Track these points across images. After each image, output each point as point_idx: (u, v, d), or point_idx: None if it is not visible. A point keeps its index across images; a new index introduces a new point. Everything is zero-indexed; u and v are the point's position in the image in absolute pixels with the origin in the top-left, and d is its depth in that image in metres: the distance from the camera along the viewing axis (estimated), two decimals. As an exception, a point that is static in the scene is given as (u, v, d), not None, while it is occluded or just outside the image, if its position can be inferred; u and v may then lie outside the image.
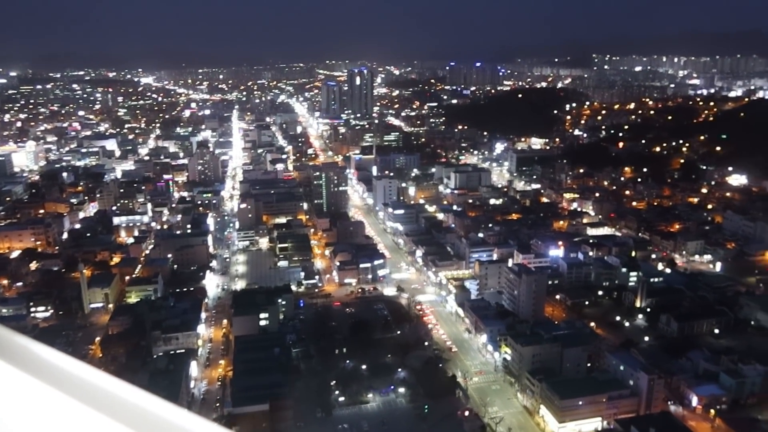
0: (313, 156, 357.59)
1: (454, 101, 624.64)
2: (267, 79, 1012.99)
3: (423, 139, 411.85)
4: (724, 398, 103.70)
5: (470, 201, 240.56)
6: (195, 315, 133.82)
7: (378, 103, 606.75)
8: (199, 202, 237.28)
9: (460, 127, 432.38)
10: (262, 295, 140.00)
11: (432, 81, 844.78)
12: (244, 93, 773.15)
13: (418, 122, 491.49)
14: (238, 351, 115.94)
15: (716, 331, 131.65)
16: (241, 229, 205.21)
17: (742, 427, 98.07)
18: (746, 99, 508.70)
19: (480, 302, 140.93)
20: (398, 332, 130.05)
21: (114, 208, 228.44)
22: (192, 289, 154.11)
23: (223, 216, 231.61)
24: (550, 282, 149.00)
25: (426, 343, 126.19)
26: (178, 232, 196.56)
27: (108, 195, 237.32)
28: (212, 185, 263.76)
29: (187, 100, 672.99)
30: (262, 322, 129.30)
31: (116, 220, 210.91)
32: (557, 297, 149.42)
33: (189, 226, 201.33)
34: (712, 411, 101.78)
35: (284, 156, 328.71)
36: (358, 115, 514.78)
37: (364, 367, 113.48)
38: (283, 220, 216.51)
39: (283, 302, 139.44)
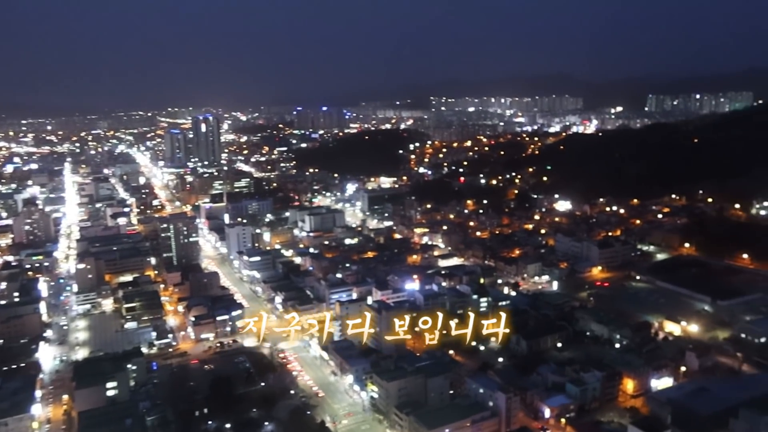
0: (159, 207, 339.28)
1: (304, 145, 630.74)
2: (103, 128, 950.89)
3: (275, 184, 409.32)
4: (571, 406, 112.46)
5: (326, 242, 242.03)
6: (27, 394, 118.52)
7: (226, 150, 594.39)
8: (29, 266, 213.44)
9: (311, 170, 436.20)
10: (109, 362, 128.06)
11: (280, 126, 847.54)
12: (77, 144, 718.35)
13: (269, 167, 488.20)
14: (82, 428, 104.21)
15: (559, 344, 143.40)
16: (80, 291, 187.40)
17: (589, 431, 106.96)
18: (563, 134, 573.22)
19: (343, 343, 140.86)
20: (262, 384, 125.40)
21: None
22: (23, 365, 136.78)
23: (58, 279, 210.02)
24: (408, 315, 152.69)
25: (292, 392, 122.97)
26: (2, 302, 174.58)
27: None
28: (43, 246, 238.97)
29: (9, 154, 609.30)
30: (110, 392, 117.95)
31: None
32: (416, 329, 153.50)
33: (16, 293, 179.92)
34: (563, 420, 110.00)
35: (127, 209, 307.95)
36: (206, 162, 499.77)
37: (228, 426, 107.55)
38: (129, 277, 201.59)
39: (134, 367, 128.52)
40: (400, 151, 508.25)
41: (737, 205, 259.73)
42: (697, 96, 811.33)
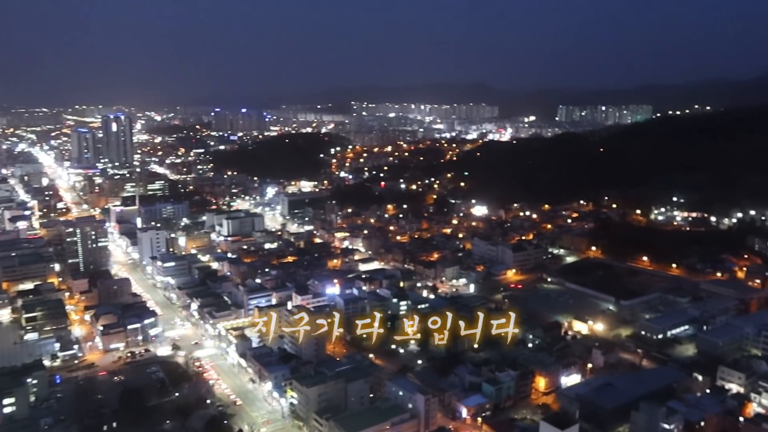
0: (65, 210, 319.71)
1: (222, 147, 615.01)
2: (1, 125, 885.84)
3: (191, 187, 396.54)
4: (487, 405, 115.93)
5: (245, 247, 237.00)
6: None
7: (139, 151, 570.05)
8: None
9: (229, 173, 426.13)
10: (6, 376, 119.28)
11: (197, 127, 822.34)
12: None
13: (185, 169, 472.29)
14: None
15: (476, 345, 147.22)
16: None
17: (504, 428, 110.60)
18: (480, 141, 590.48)
19: (262, 349, 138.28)
20: (177, 394, 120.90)
21: None
22: None
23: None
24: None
25: (208, 401, 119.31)
26: None
27: None
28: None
29: None
30: (7, 409, 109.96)
31: None
32: (337, 334, 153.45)
33: None
34: (479, 419, 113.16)
35: (28, 212, 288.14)
36: (117, 163, 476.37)
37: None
38: (29, 285, 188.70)
39: (34, 381, 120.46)
40: (321, 155, 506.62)
41: (638, 211, 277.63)
42: (603, 108, 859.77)
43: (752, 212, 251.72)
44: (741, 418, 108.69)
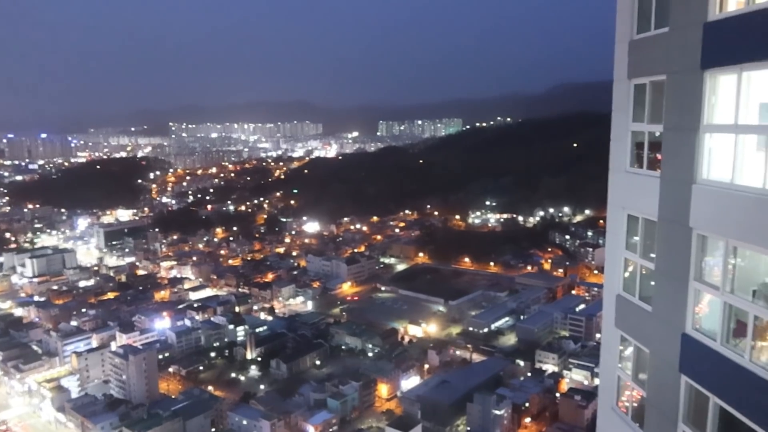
0: None
1: (19, 177, 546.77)
2: None
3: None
4: (334, 420, 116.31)
5: (55, 287, 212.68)
6: None
7: None
8: None
9: (30, 206, 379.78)
10: None
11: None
12: None
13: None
14: None
15: (318, 362, 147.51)
16: None
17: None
18: (307, 158, 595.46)
19: (84, 399, 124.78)
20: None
21: None
22: None
23: None
24: (160, 356, 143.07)
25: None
26: None
27: None
28: None
29: None
30: None
31: None
32: (171, 369, 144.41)
33: None
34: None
35: None
36: None
37: None
38: None
39: None
40: (140, 181, 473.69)
41: (457, 216, 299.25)
42: (419, 122, 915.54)
43: (551, 210, 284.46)
44: (557, 394, 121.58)
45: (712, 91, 10.18)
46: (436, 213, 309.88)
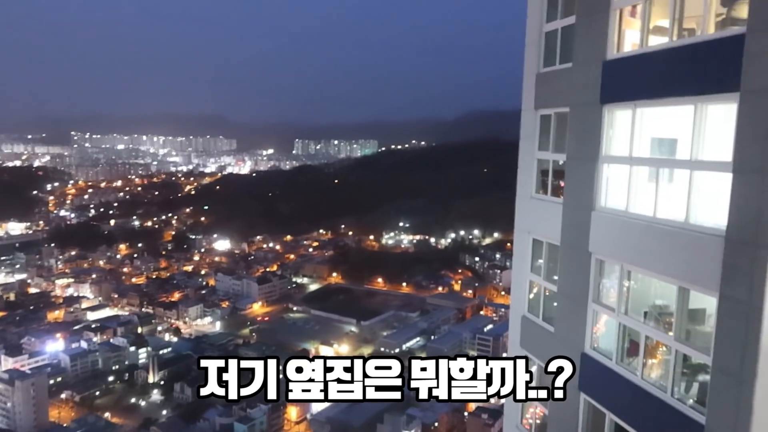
0: None
1: None
2: None
3: None
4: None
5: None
6: None
7: None
8: None
9: None
10: None
11: None
12: None
13: None
14: None
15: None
16: None
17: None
18: (219, 174, 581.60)
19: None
20: None
21: None
22: None
23: None
24: (52, 381, 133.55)
25: None
26: None
27: None
28: None
29: None
30: None
31: None
32: (63, 395, 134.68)
33: None
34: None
35: None
36: None
37: None
38: None
39: None
40: (35, 192, 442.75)
41: (371, 237, 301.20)
42: (335, 142, 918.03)
43: (462, 232, 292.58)
44: (466, 413, 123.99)
45: (610, 125, 10.90)
46: (350, 233, 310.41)
